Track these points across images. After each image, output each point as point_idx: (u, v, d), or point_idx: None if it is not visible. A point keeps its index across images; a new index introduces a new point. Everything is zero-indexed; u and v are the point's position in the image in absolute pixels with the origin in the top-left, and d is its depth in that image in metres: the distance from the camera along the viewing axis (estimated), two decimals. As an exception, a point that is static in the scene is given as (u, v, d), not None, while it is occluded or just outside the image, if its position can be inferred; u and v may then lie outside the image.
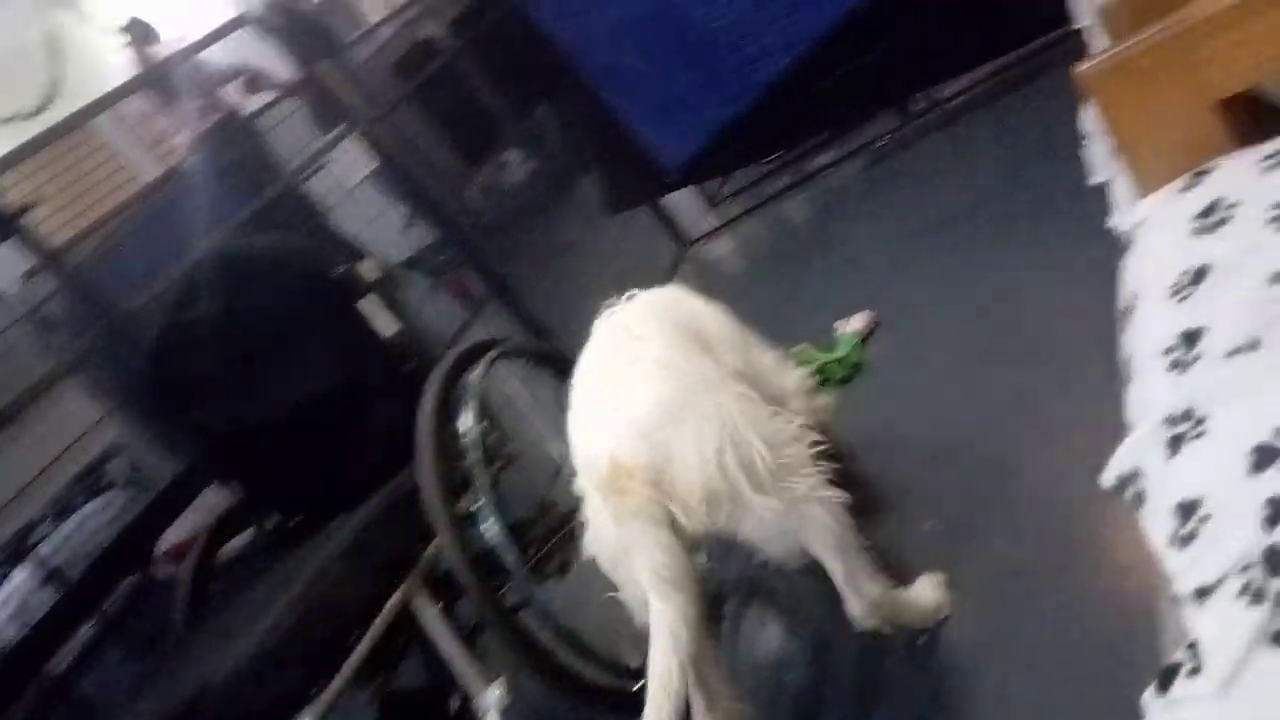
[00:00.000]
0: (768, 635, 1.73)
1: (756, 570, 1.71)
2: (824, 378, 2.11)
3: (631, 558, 1.25)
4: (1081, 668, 1.22)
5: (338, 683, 1.28)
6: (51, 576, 3.68)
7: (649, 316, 1.51)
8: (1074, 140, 1.14)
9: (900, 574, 1.44)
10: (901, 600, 1.41)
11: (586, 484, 1.34)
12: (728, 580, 1.84)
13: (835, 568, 1.35)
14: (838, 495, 1.31)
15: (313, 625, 1.28)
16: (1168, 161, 0.87)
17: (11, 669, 2.10)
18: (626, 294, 1.59)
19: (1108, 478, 0.70)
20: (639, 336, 1.45)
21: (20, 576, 4.19)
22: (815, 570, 1.38)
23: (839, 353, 2.16)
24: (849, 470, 1.58)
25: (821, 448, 1.35)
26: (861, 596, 1.36)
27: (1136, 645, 0.97)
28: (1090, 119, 0.99)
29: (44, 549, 4.16)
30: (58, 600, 2.36)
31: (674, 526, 1.25)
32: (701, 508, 1.24)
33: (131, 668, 3.46)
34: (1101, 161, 1.05)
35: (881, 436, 1.88)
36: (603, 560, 1.34)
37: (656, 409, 1.29)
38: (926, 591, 1.43)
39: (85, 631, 3.87)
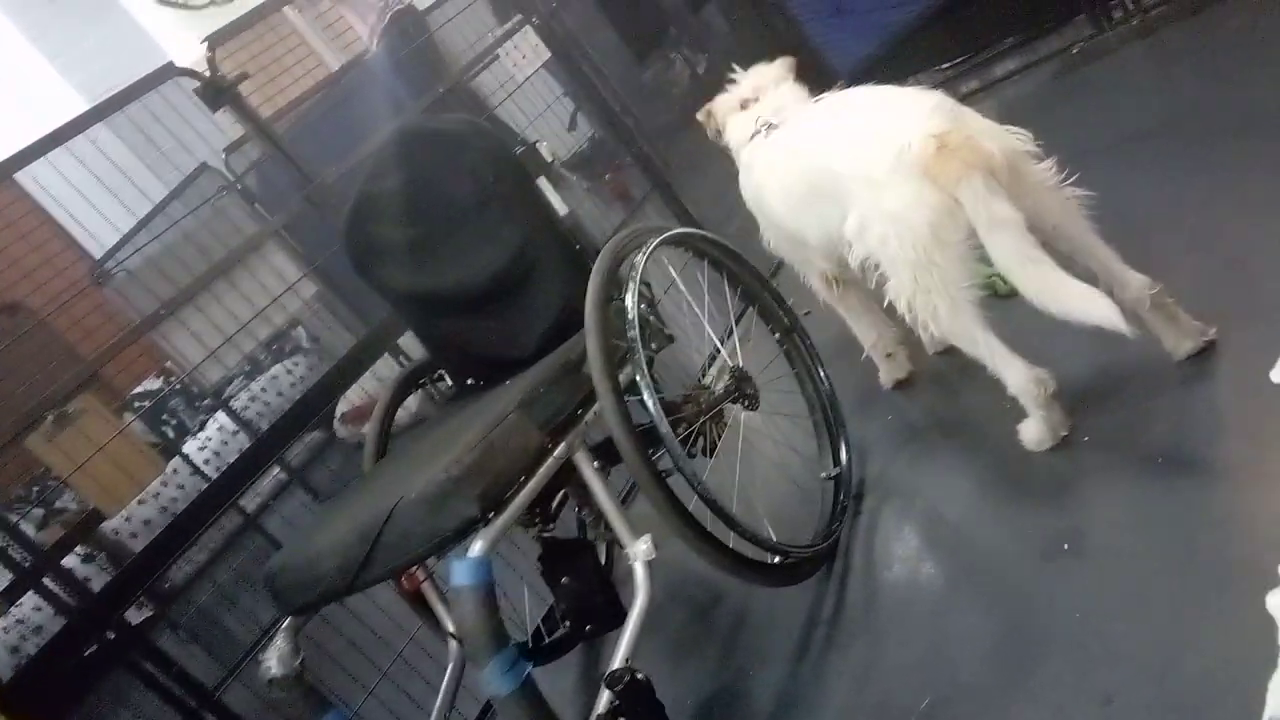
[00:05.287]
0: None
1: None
2: (990, 292, 2.07)
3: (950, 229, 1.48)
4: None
5: (508, 513, 1.42)
6: (244, 426, 4.10)
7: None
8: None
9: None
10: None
11: (895, 178, 1.50)
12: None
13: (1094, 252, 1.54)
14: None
15: (489, 462, 1.41)
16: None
17: (211, 499, 2.35)
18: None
19: None
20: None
21: (222, 420, 4.70)
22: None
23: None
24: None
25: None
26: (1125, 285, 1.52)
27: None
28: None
29: (236, 403, 4.64)
30: (249, 446, 2.62)
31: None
32: (1003, 171, 1.44)
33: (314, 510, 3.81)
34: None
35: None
36: (916, 250, 1.52)
37: (941, 103, 1.53)
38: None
39: (275, 476, 4.33)
